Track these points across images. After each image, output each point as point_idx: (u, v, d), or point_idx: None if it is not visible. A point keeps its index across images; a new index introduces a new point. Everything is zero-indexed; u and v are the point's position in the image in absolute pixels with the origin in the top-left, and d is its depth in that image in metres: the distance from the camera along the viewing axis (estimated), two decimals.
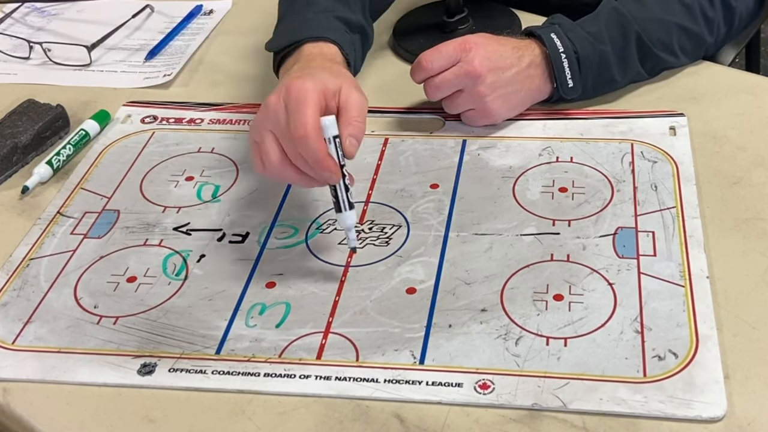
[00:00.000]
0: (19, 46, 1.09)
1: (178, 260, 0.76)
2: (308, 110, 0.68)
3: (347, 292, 0.71)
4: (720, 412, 0.58)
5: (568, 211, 0.77)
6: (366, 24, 0.92)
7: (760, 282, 0.68)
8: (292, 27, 0.86)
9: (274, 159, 0.69)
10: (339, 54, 0.82)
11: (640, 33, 0.86)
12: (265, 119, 0.70)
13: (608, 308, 0.67)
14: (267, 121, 0.70)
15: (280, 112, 0.69)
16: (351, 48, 0.85)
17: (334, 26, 0.85)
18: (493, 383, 0.62)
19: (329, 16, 0.86)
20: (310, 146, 0.67)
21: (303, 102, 0.68)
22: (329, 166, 0.68)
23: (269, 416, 0.62)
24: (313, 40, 0.82)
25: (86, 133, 0.92)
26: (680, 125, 0.85)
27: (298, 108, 0.68)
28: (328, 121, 0.69)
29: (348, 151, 0.70)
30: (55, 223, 0.81)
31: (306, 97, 0.68)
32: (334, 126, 0.69)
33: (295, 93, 0.69)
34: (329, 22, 0.85)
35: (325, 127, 0.69)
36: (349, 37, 0.86)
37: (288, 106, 0.69)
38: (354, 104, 0.71)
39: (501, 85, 0.84)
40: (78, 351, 0.68)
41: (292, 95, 0.69)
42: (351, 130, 0.70)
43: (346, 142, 0.70)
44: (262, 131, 0.70)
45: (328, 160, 0.68)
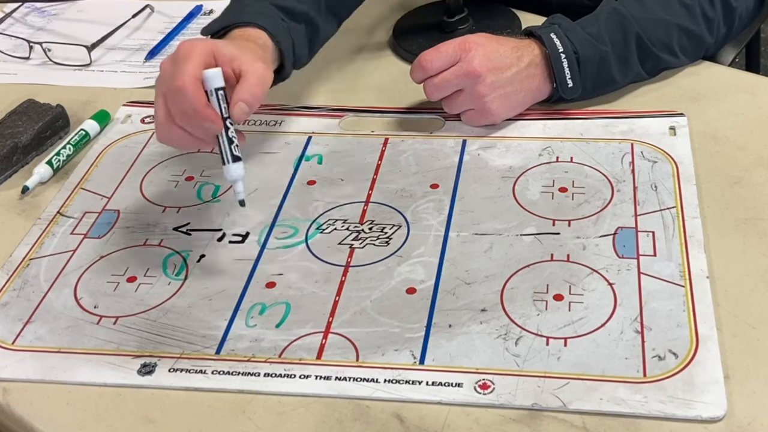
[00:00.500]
0: (19, 46, 1.09)
1: (178, 260, 0.76)
2: (189, 63, 0.68)
3: (347, 292, 0.71)
4: (720, 412, 0.58)
5: (568, 211, 0.77)
6: (317, 15, 0.92)
7: (760, 282, 0.68)
8: (228, 13, 0.87)
9: (160, 118, 0.70)
10: (265, 38, 0.83)
11: (640, 33, 0.86)
12: (158, 82, 0.72)
13: (608, 308, 0.67)
14: (160, 83, 0.71)
15: (167, 70, 0.70)
16: (285, 35, 0.85)
17: (267, 13, 0.86)
18: (493, 383, 0.62)
19: (266, 3, 0.87)
20: (188, 97, 0.67)
21: (186, 57, 0.69)
22: (208, 115, 0.68)
23: (269, 416, 0.62)
24: (242, 25, 0.83)
25: (86, 133, 0.92)
26: (680, 125, 0.85)
27: (179, 63, 0.69)
28: (211, 73, 0.69)
29: (235, 115, 0.70)
30: (55, 223, 0.81)
31: (190, 53, 0.69)
32: (217, 78, 0.70)
33: (182, 50, 0.70)
34: (263, 9, 0.86)
35: (206, 78, 0.69)
36: (284, 24, 0.86)
37: (173, 63, 0.70)
38: (253, 73, 0.71)
39: (501, 85, 0.84)
40: (78, 351, 0.68)
41: (179, 52, 0.70)
42: (243, 95, 0.70)
43: (236, 105, 0.70)
44: (156, 94, 0.71)
45: (206, 110, 0.68)
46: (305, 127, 0.91)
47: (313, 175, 0.84)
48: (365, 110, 0.93)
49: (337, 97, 0.96)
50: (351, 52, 1.04)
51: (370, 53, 1.02)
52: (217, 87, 0.70)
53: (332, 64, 1.01)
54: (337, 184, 0.82)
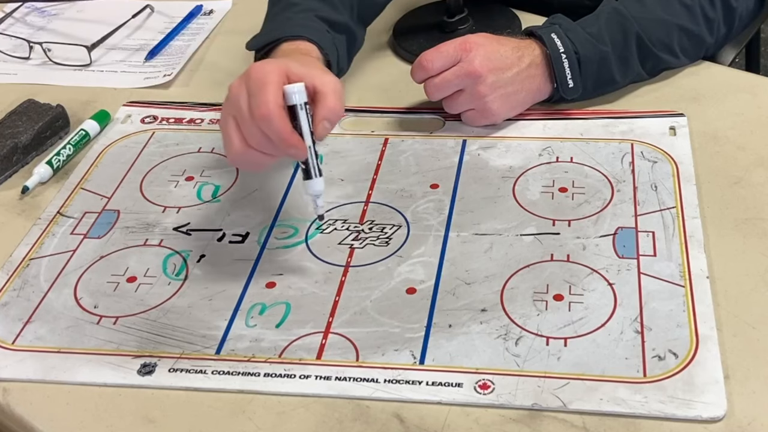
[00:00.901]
0: (19, 46, 1.09)
1: (178, 260, 0.76)
2: (269, 89, 0.67)
3: (347, 292, 0.71)
4: (720, 412, 0.58)
5: (568, 211, 0.77)
6: (353, 25, 0.92)
7: (760, 282, 0.68)
8: (273, 26, 0.87)
9: (236, 145, 0.69)
10: (317, 51, 0.83)
11: (641, 33, 0.86)
12: (228, 106, 0.70)
13: (608, 308, 0.67)
14: (229, 108, 0.70)
15: (241, 96, 0.68)
16: (332, 47, 0.86)
17: (314, 26, 0.86)
18: (493, 383, 0.62)
19: (311, 15, 0.87)
20: (273, 125, 0.66)
21: (263, 81, 0.67)
22: (294, 142, 0.67)
23: (269, 416, 0.62)
24: (290, 39, 0.83)
25: (86, 133, 0.92)
26: (680, 125, 0.85)
27: (258, 88, 0.67)
28: (295, 88, 0.68)
29: (320, 134, 0.69)
30: (55, 223, 0.81)
31: (266, 77, 0.68)
32: (301, 93, 0.68)
33: (255, 74, 0.68)
34: (309, 21, 0.86)
35: (291, 93, 0.68)
36: (330, 36, 0.86)
37: (249, 89, 0.68)
38: (330, 89, 0.70)
39: (501, 85, 0.84)
40: (78, 351, 0.68)
41: (252, 76, 0.68)
42: (326, 113, 0.69)
43: (320, 125, 0.68)
44: (225, 118, 0.70)
45: (292, 136, 0.67)
46: None
47: None
48: (365, 110, 0.93)
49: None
50: None
51: (370, 53, 1.02)
52: (304, 102, 0.68)
53: None
54: (337, 184, 0.82)
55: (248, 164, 0.71)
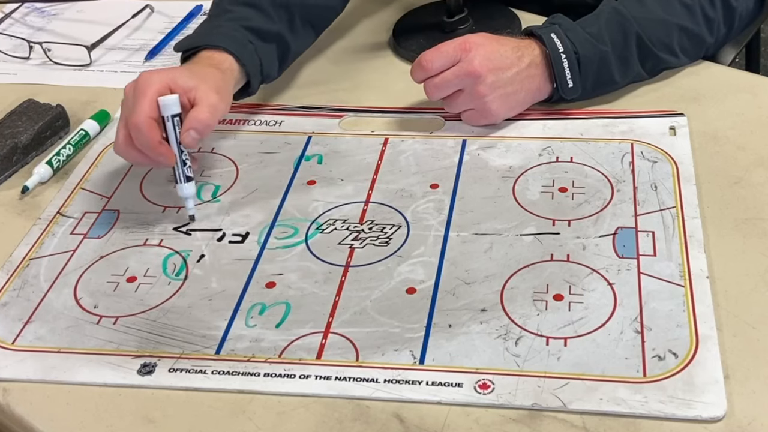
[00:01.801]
0: (19, 46, 1.09)
1: (178, 260, 0.76)
2: (145, 100, 0.75)
3: (347, 292, 0.71)
4: (720, 412, 0.58)
5: (568, 211, 0.77)
6: (287, 32, 0.93)
7: (760, 282, 0.68)
8: (200, 32, 0.91)
9: (120, 141, 0.77)
10: (230, 61, 0.85)
11: (641, 33, 0.86)
12: (122, 104, 0.78)
13: (608, 308, 0.67)
14: (122, 107, 0.78)
15: (129, 99, 0.77)
16: (252, 57, 0.87)
17: (236, 36, 0.87)
18: (493, 383, 0.62)
19: (236, 25, 0.89)
20: (143, 134, 0.74)
21: (143, 92, 0.75)
22: (162, 151, 0.75)
23: (269, 416, 0.62)
24: (209, 48, 0.86)
25: (86, 133, 0.92)
26: (680, 125, 0.85)
27: (137, 98, 0.75)
28: (167, 100, 0.75)
29: (185, 142, 0.76)
30: (55, 223, 0.81)
31: (147, 87, 0.76)
32: (173, 105, 0.76)
33: (141, 83, 0.76)
34: (233, 32, 0.88)
35: (162, 105, 0.75)
36: (252, 47, 0.88)
37: (133, 95, 0.76)
38: (205, 103, 0.76)
39: (501, 85, 0.84)
40: (78, 351, 0.68)
41: (138, 85, 0.77)
42: (193, 124, 0.76)
43: (185, 133, 0.76)
44: (120, 115, 0.78)
45: (159, 147, 0.75)
46: (305, 127, 0.91)
47: (313, 175, 0.84)
48: (365, 110, 0.93)
49: (337, 97, 0.96)
50: (351, 52, 1.03)
51: (370, 53, 1.02)
52: (173, 114, 0.76)
53: (332, 64, 1.01)
54: (337, 184, 0.82)
55: (129, 159, 0.79)
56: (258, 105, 0.95)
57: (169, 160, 0.76)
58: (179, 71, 0.79)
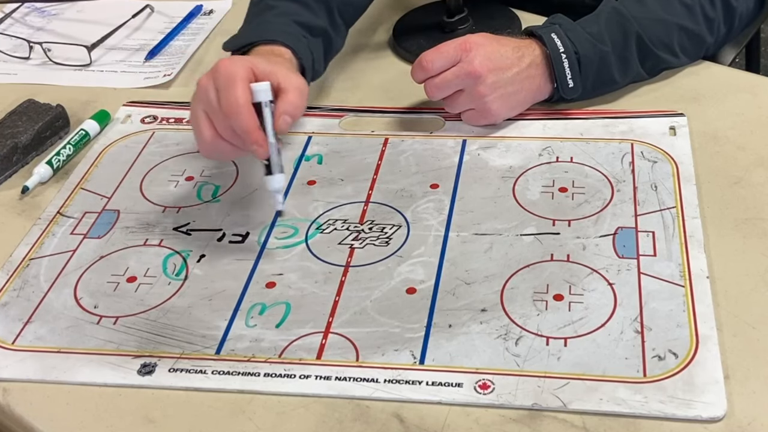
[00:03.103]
0: (19, 46, 1.09)
1: (178, 260, 0.76)
2: (237, 85, 0.71)
3: (347, 292, 0.71)
4: (720, 412, 0.58)
5: (568, 211, 0.77)
6: (331, 28, 0.93)
7: (760, 282, 0.68)
8: (249, 29, 0.89)
9: (207, 136, 0.73)
10: (290, 55, 0.84)
11: (641, 33, 0.86)
12: (197, 99, 0.74)
13: (608, 308, 0.67)
14: (199, 101, 0.73)
15: (210, 90, 0.72)
16: (306, 52, 0.87)
17: (290, 30, 0.87)
18: (493, 383, 0.62)
19: (288, 20, 0.88)
20: (241, 120, 0.70)
21: (232, 78, 0.71)
22: (257, 138, 0.71)
23: (269, 416, 0.62)
24: (265, 42, 0.84)
25: (86, 133, 0.92)
26: (680, 125, 0.85)
27: (227, 84, 0.71)
28: (262, 86, 0.72)
29: (280, 127, 0.73)
30: (55, 223, 0.81)
31: (235, 73, 0.72)
32: (267, 91, 0.72)
33: (224, 69, 0.72)
34: (286, 27, 0.87)
35: (256, 91, 0.72)
36: (306, 41, 0.87)
37: (217, 84, 0.72)
38: (292, 85, 0.74)
39: (501, 85, 0.84)
40: (78, 351, 0.68)
41: (220, 72, 0.72)
42: (287, 108, 0.73)
43: (280, 118, 0.72)
44: (196, 111, 0.74)
45: (256, 132, 0.71)
46: (305, 127, 0.91)
47: (313, 175, 0.84)
48: (365, 110, 0.93)
49: (337, 97, 0.96)
50: (351, 52, 1.03)
51: (370, 53, 1.02)
52: (269, 100, 0.72)
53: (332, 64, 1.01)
54: (337, 184, 0.82)
55: (218, 154, 0.75)
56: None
57: (264, 147, 0.71)
58: (254, 58, 0.77)
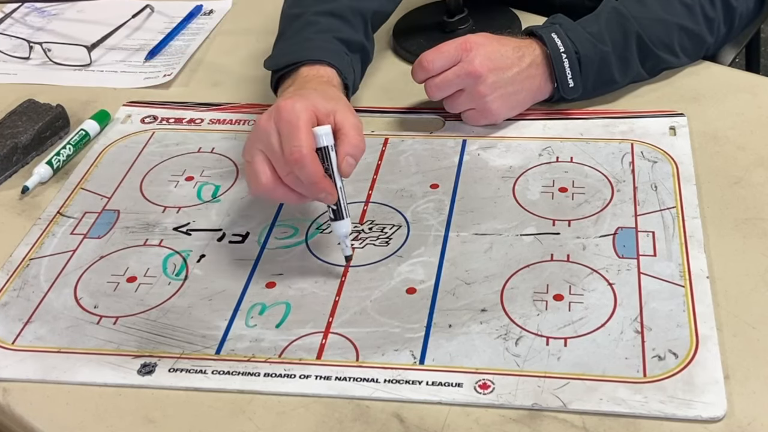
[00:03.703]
0: (19, 46, 1.09)
1: (178, 260, 0.76)
2: (301, 132, 0.68)
3: (347, 292, 0.71)
4: (720, 412, 0.58)
5: (568, 211, 0.76)
6: (366, 42, 0.91)
7: (760, 282, 0.68)
8: (291, 47, 0.86)
9: (266, 180, 0.69)
10: (336, 77, 0.82)
11: (641, 33, 0.86)
12: (256, 140, 0.70)
13: (608, 308, 0.67)
14: (258, 142, 0.70)
15: (272, 134, 0.69)
16: (350, 70, 0.85)
17: (334, 48, 0.85)
18: (493, 383, 0.62)
19: (329, 37, 0.86)
20: (306, 169, 0.67)
21: (295, 124, 0.68)
22: (325, 187, 0.69)
23: (269, 416, 0.62)
24: (310, 62, 0.82)
25: (86, 133, 0.92)
26: (680, 125, 0.85)
27: (291, 130, 0.68)
28: (323, 131, 0.69)
29: (344, 170, 0.70)
30: (55, 223, 0.81)
31: (298, 119, 0.68)
32: (329, 136, 0.69)
33: (287, 114, 0.69)
34: (329, 44, 0.85)
35: (319, 136, 0.69)
36: (348, 59, 0.86)
37: (280, 128, 0.69)
38: (351, 126, 0.71)
39: (502, 85, 0.84)
40: (78, 351, 0.68)
41: (283, 116, 0.69)
42: (349, 150, 0.70)
43: (344, 161, 0.70)
44: (253, 151, 0.70)
45: (324, 181, 0.68)
46: None
47: None
48: (365, 110, 0.93)
49: None
50: None
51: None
52: (331, 144, 0.70)
53: None
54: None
55: (276, 199, 0.72)
56: (259, 105, 0.95)
57: (332, 194, 0.69)
58: (314, 96, 0.73)
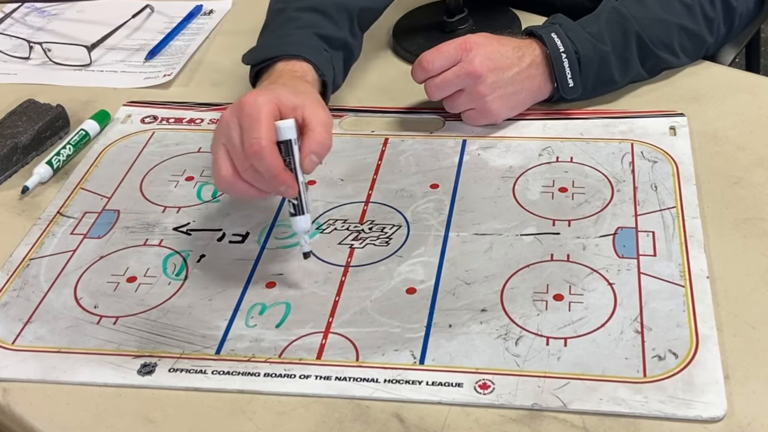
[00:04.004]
0: (19, 46, 1.09)
1: (178, 260, 0.76)
2: (261, 125, 0.67)
3: (347, 292, 0.71)
4: (720, 412, 0.58)
5: (568, 211, 0.77)
6: (352, 39, 0.91)
7: (760, 282, 0.68)
8: (270, 41, 0.87)
9: (226, 174, 0.69)
10: (312, 72, 0.82)
11: (641, 33, 0.86)
12: (220, 134, 0.70)
13: (608, 308, 0.67)
14: (221, 136, 0.69)
15: (233, 128, 0.68)
16: (328, 66, 0.85)
17: (312, 44, 0.85)
18: (493, 383, 0.62)
19: (309, 32, 0.86)
20: (265, 161, 0.66)
21: (256, 116, 0.67)
22: (285, 180, 0.68)
23: (269, 416, 0.62)
24: (286, 57, 0.82)
25: (86, 133, 0.92)
26: (680, 125, 0.85)
27: (251, 123, 0.67)
28: (286, 124, 0.68)
29: (306, 167, 0.69)
30: (55, 223, 0.81)
31: (259, 111, 0.68)
32: (292, 129, 0.68)
33: (248, 108, 0.68)
34: (307, 39, 0.85)
35: (281, 129, 0.68)
36: (327, 55, 0.86)
37: (241, 122, 0.68)
38: (319, 122, 0.70)
39: (501, 85, 0.84)
40: (78, 351, 0.68)
41: (244, 110, 0.68)
42: (314, 147, 0.69)
43: (306, 158, 0.69)
44: (217, 146, 0.70)
45: (283, 174, 0.67)
46: None
47: (313, 175, 0.84)
48: (365, 110, 0.93)
49: (337, 97, 0.95)
50: None
51: (370, 53, 1.02)
52: (293, 138, 0.69)
53: None
54: (337, 184, 0.82)
55: (236, 193, 0.71)
56: None
57: (292, 188, 0.68)
58: (280, 90, 0.72)
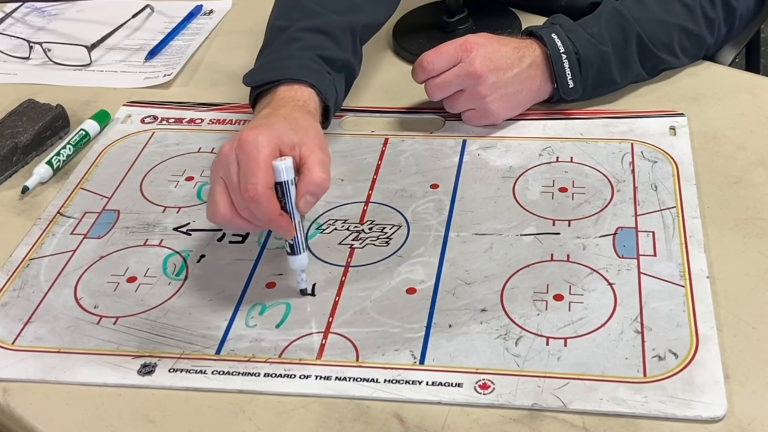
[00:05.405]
0: (19, 46, 1.09)
1: (178, 260, 0.76)
2: (260, 169, 0.66)
3: (347, 292, 0.71)
4: (720, 412, 0.58)
5: (568, 211, 0.77)
6: (353, 58, 0.89)
7: (760, 282, 0.68)
8: (271, 63, 0.84)
9: (224, 211, 0.68)
10: (314, 98, 0.80)
11: (641, 33, 0.86)
12: (219, 166, 0.69)
13: (608, 308, 0.67)
14: (220, 169, 0.68)
15: (231, 164, 0.67)
16: (331, 89, 0.82)
17: (315, 67, 0.82)
18: (493, 383, 0.62)
19: (312, 54, 0.83)
20: (261, 208, 0.66)
21: (255, 158, 0.66)
22: (281, 224, 0.67)
23: (269, 416, 0.62)
24: (289, 82, 0.80)
25: (86, 133, 0.92)
26: (680, 125, 0.85)
27: (249, 165, 0.66)
28: (283, 165, 0.67)
29: (302, 208, 0.68)
30: (55, 223, 0.81)
31: (258, 152, 0.66)
32: (290, 171, 0.68)
33: (248, 147, 0.67)
34: (311, 62, 0.83)
35: (279, 170, 0.67)
36: (330, 78, 0.83)
37: (240, 160, 0.67)
38: (316, 161, 0.69)
39: (502, 86, 0.84)
40: (78, 351, 0.68)
41: (244, 148, 0.67)
42: (310, 188, 0.68)
43: (302, 199, 0.68)
44: (215, 178, 0.69)
45: (279, 219, 0.67)
46: None
47: None
48: (365, 110, 0.93)
49: None
50: None
51: (370, 53, 1.02)
52: (291, 180, 0.68)
53: None
54: (337, 184, 0.82)
55: (234, 228, 0.70)
56: None
57: (289, 232, 0.68)
58: (280, 125, 0.71)
